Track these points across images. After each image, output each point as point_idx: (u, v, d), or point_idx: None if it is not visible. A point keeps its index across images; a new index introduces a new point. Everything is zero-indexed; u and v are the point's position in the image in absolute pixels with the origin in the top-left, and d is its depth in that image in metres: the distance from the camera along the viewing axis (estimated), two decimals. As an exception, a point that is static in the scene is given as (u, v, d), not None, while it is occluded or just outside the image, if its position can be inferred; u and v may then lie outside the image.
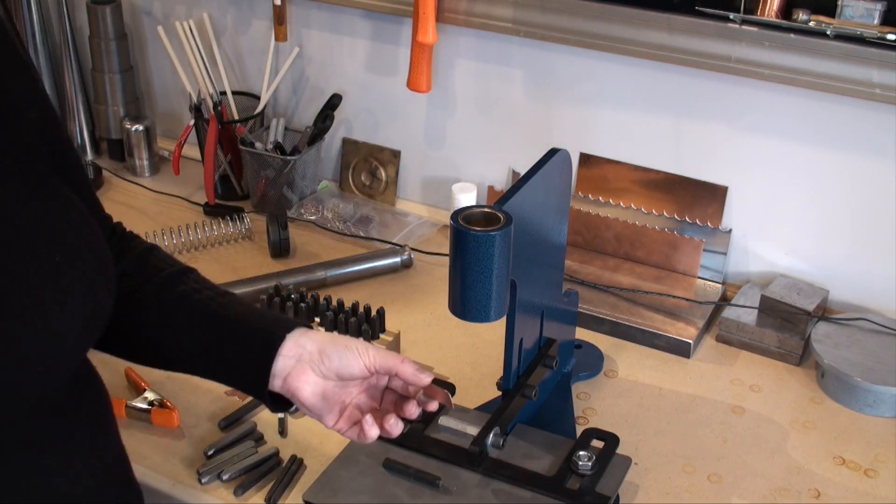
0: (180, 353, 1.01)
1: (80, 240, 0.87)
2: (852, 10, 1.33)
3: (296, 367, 0.98)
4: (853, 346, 1.39)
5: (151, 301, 1.01)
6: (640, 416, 1.33)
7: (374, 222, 1.76)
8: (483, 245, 1.01)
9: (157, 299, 1.01)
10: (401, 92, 1.72)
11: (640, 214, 1.61)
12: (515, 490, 1.12)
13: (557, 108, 1.64)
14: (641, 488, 1.20)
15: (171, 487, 1.19)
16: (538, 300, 1.22)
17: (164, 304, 1.01)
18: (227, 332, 0.99)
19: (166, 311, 1.01)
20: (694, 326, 1.47)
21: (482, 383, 1.37)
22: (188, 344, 1.00)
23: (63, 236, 0.85)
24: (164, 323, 1.01)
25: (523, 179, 1.13)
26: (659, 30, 1.45)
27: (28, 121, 0.88)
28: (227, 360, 1.00)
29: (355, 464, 1.15)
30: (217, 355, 1.00)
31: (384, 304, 1.47)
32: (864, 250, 1.49)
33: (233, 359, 0.99)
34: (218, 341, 0.99)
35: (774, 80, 1.41)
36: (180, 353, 1.01)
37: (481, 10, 1.58)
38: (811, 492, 1.21)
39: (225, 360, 1.00)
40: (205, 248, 1.71)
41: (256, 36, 1.87)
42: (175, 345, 1.01)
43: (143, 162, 1.94)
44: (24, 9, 1.90)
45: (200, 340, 1.00)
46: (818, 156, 1.47)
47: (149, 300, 1.01)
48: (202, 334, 1.00)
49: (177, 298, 1.01)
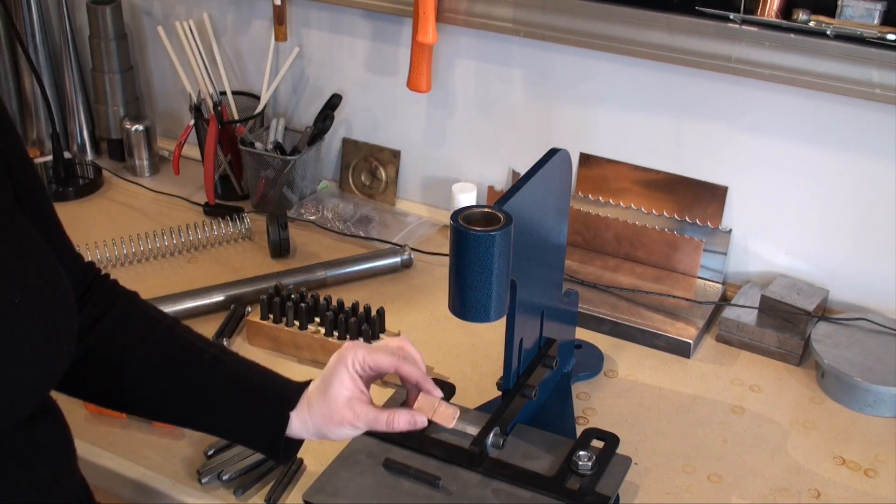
0: (185, 413, 1.02)
1: (41, 282, 0.84)
2: (852, 10, 1.33)
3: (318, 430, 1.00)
4: (853, 346, 1.39)
5: (154, 360, 1.00)
6: (640, 416, 1.33)
7: (374, 222, 1.76)
8: (483, 245, 1.01)
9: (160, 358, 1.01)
10: (401, 92, 1.72)
11: (640, 214, 1.61)
12: (515, 490, 1.11)
13: (557, 108, 1.64)
14: (641, 488, 1.20)
15: (171, 487, 1.19)
16: (538, 300, 1.22)
17: (168, 363, 1.01)
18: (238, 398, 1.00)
19: (173, 371, 1.01)
20: (694, 326, 1.47)
21: (482, 383, 1.37)
22: (195, 405, 1.01)
23: (24, 278, 0.82)
24: (173, 382, 1.01)
25: (523, 179, 1.13)
26: (659, 30, 1.45)
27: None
28: (240, 425, 1.01)
29: (355, 464, 1.15)
30: (229, 422, 1.02)
31: (384, 304, 1.47)
32: (864, 250, 1.49)
33: (247, 425, 1.01)
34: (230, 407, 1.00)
35: (774, 80, 1.41)
36: (185, 413, 1.02)
37: (481, 10, 1.58)
38: (811, 492, 1.21)
39: (237, 426, 1.02)
40: (205, 248, 1.71)
41: (256, 36, 1.87)
42: (180, 404, 1.02)
43: (143, 162, 1.94)
44: (24, 9, 1.90)
45: (210, 404, 1.01)
46: (818, 156, 1.47)
47: (151, 358, 1.00)
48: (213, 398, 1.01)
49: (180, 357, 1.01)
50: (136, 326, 1.02)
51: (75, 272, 1.01)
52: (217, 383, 1.00)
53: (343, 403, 0.97)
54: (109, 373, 1.00)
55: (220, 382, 1.00)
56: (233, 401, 1.00)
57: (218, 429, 1.04)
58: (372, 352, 0.99)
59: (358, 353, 0.98)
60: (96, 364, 0.99)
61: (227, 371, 1.01)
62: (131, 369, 1.00)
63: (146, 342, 1.01)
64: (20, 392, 0.81)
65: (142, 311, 1.04)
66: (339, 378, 0.98)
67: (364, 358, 0.98)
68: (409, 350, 1.02)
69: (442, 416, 1.00)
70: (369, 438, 1.18)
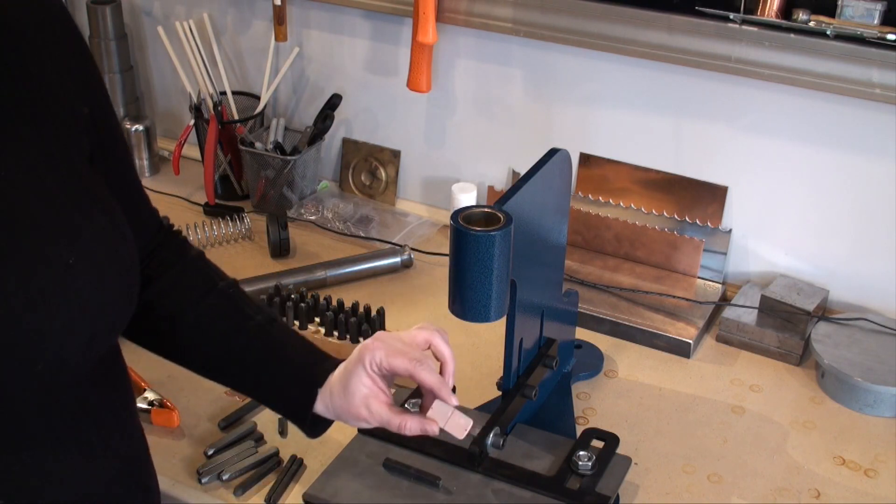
0: (228, 373, 1.06)
1: (99, 243, 0.85)
2: (852, 10, 1.33)
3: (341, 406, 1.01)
4: (853, 346, 1.39)
5: (207, 319, 1.04)
6: (640, 416, 1.33)
7: (374, 222, 1.76)
8: (483, 245, 1.01)
9: (213, 318, 1.04)
10: (401, 92, 1.72)
11: (640, 214, 1.61)
12: (515, 490, 1.11)
13: (557, 108, 1.64)
14: (641, 488, 1.20)
15: (171, 487, 1.19)
16: (538, 300, 1.22)
17: (218, 325, 1.04)
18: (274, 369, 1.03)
19: (222, 333, 1.04)
20: (694, 326, 1.47)
21: (482, 383, 1.37)
22: (237, 368, 1.04)
23: (81, 238, 0.84)
24: (219, 343, 1.03)
25: (523, 179, 1.13)
26: (659, 30, 1.45)
27: (72, 114, 0.88)
28: (272, 394, 1.05)
29: (355, 464, 1.15)
30: (263, 389, 1.05)
31: (384, 304, 1.47)
32: (864, 250, 1.49)
33: (278, 395, 1.04)
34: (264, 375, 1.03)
35: (774, 80, 1.41)
36: (228, 373, 1.06)
37: (481, 10, 1.58)
38: (811, 492, 1.21)
39: (270, 395, 1.05)
40: (205, 248, 1.71)
41: (256, 36, 1.87)
42: (224, 366, 1.05)
43: (143, 162, 1.94)
44: (24, 9, 1.90)
45: (248, 368, 1.03)
46: (818, 156, 1.47)
47: (204, 318, 1.04)
48: (250, 363, 1.03)
49: (231, 320, 1.04)
50: (192, 286, 1.05)
51: (150, 227, 1.04)
52: (258, 350, 1.03)
53: (360, 400, 0.99)
54: (164, 329, 1.03)
55: (261, 350, 1.03)
56: (269, 370, 1.03)
57: (255, 394, 1.08)
58: (390, 354, 0.98)
59: (376, 354, 0.99)
60: (152, 319, 1.02)
61: (270, 340, 1.04)
62: (183, 327, 1.03)
63: (200, 303, 1.04)
64: (72, 347, 0.83)
65: (200, 272, 1.07)
66: (357, 376, 0.99)
67: (381, 360, 0.98)
68: (437, 345, 1.01)
69: (454, 426, 0.99)
70: (369, 438, 1.18)
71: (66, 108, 0.87)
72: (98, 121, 0.91)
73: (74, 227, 0.84)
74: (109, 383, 0.93)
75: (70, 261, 0.82)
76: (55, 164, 0.85)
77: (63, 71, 0.88)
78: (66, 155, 0.86)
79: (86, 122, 0.89)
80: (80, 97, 0.89)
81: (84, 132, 0.89)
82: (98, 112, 0.92)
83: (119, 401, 0.95)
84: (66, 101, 0.87)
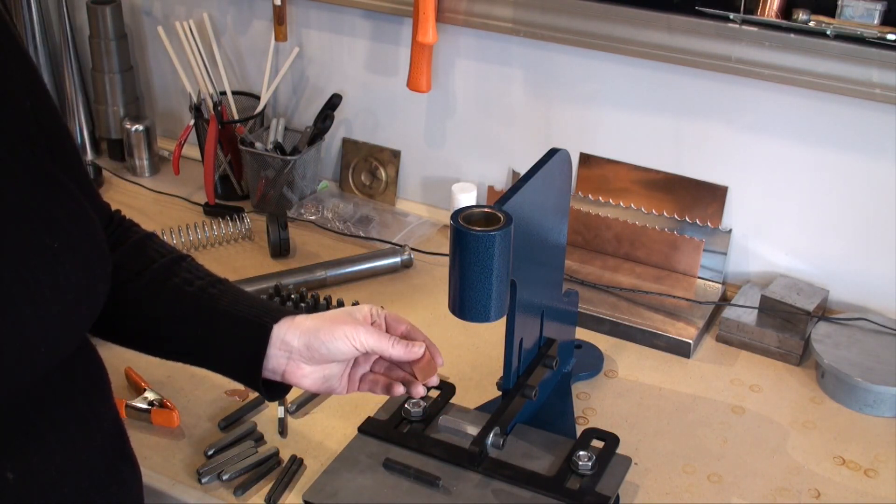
0: (174, 346, 1.04)
1: (77, 228, 0.87)
2: (852, 10, 1.33)
3: (289, 363, 1.00)
4: (853, 346, 1.39)
5: (144, 294, 1.02)
6: (640, 416, 1.33)
7: (374, 222, 1.76)
8: (483, 245, 1.01)
9: (150, 292, 1.02)
10: (401, 92, 1.72)
11: (640, 214, 1.61)
12: (515, 490, 1.11)
13: (557, 108, 1.64)
14: (641, 488, 1.20)
15: (171, 487, 1.19)
16: (538, 300, 1.22)
17: (156, 297, 1.02)
18: (218, 326, 1.00)
19: (159, 304, 1.02)
20: (694, 326, 1.47)
21: (482, 383, 1.37)
22: (181, 338, 1.02)
23: (61, 224, 0.86)
24: (157, 317, 1.02)
25: (523, 179, 1.13)
26: (659, 30, 1.45)
27: (23, 108, 0.89)
28: (220, 354, 1.02)
29: (355, 464, 1.15)
30: (210, 350, 1.02)
31: (384, 304, 1.47)
32: (864, 250, 1.49)
33: (225, 354, 1.01)
34: (210, 336, 1.01)
35: (774, 80, 1.41)
36: (174, 346, 1.04)
37: (481, 10, 1.58)
38: (811, 492, 1.21)
39: (218, 355, 1.02)
40: (205, 248, 1.71)
41: (256, 36, 1.87)
42: (168, 338, 1.03)
43: (143, 162, 1.94)
44: (24, 9, 1.90)
45: (193, 335, 1.01)
46: (818, 156, 1.47)
47: (142, 293, 1.02)
48: (194, 329, 1.01)
49: (169, 291, 1.02)
50: (138, 261, 1.04)
51: (103, 218, 1.05)
52: (201, 312, 1.01)
53: (343, 314, 1.01)
54: (108, 307, 1.00)
55: (203, 311, 1.01)
56: (213, 327, 1.00)
57: (206, 359, 1.04)
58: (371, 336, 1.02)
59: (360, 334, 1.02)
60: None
61: (210, 299, 1.01)
62: (124, 302, 1.01)
63: (142, 276, 1.02)
64: (63, 331, 0.85)
65: (149, 248, 1.06)
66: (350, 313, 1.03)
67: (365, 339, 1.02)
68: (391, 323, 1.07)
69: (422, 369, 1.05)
70: (369, 438, 1.18)
71: (13, 101, 0.88)
72: (40, 112, 0.91)
73: (51, 214, 0.86)
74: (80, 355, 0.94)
75: (55, 245, 0.84)
76: (20, 154, 0.86)
77: (2, 64, 0.88)
78: (25, 145, 0.87)
79: (31, 113, 0.90)
80: (24, 90, 0.90)
81: (31, 124, 0.89)
82: (39, 104, 0.92)
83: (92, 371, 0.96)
84: (13, 94, 0.88)
